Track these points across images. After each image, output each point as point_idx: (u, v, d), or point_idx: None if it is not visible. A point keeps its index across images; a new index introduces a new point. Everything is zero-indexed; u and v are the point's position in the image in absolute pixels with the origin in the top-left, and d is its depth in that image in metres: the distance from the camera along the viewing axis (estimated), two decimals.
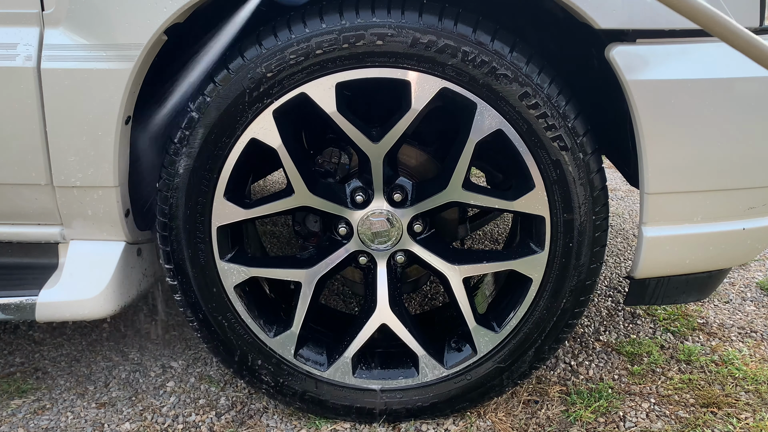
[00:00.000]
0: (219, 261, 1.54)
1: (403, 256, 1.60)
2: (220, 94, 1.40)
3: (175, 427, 1.68)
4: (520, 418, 1.70)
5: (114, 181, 1.45)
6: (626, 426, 1.66)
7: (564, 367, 1.93)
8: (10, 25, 1.38)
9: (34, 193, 1.48)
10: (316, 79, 1.40)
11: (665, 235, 1.47)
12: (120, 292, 1.54)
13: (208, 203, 1.48)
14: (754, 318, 2.25)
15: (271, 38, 1.38)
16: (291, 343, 1.60)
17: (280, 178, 3.61)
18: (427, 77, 1.39)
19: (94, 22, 1.35)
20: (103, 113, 1.39)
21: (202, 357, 1.99)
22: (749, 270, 2.65)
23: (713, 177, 1.43)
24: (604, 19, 1.32)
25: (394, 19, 1.35)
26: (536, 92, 1.39)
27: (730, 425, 1.66)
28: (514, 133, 1.43)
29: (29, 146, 1.43)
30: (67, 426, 1.68)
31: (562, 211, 1.47)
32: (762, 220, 1.51)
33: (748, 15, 1.34)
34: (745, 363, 1.94)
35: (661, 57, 1.35)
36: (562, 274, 1.52)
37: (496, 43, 1.37)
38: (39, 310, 1.51)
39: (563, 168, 1.44)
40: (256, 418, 1.71)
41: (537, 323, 1.57)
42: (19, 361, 1.98)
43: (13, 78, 1.38)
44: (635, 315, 2.25)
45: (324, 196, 1.53)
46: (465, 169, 1.48)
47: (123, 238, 1.53)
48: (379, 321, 1.60)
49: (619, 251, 2.85)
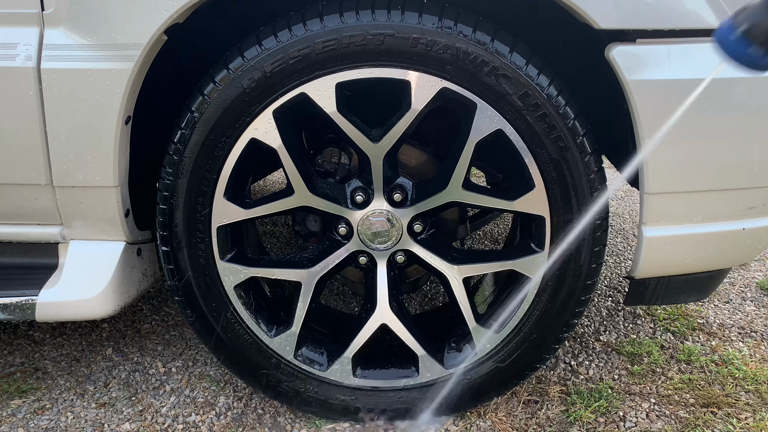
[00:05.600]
0: (219, 261, 1.54)
1: (403, 256, 1.60)
2: (219, 94, 1.40)
3: (175, 427, 1.68)
4: (520, 418, 1.69)
5: (114, 181, 1.45)
6: (626, 426, 1.66)
7: (564, 367, 1.93)
8: (10, 25, 1.38)
9: (34, 193, 1.48)
10: (316, 79, 1.40)
11: (665, 235, 1.47)
12: (120, 292, 1.54)
13: (208, 203, 1.48)
14: (754, 318, 2.24)
15: (271, 38, 1.38)
16: (291, 343, 1.60)
17: (280, 178, 3.61)
18: (427, 77, 1.39)
19: (94, 22, 1.35)
20: (103, 113, 1.39)
21: (202, 357, 1.99)
22: (749, 270, 2.65)
23: (713, 177, 1.43)
24: (604, 19, 1.31)
25: (394, 20, 1.35)
26: (536, 92, 1.39)
27: (730, 425, 1.66)
28: (514, 133, 1.43)
29: (29, 146, 1.43)
30: (67, 426, 1.68)
31: (562, 211, 1.47)
32: (762, 220, 1.51)
33: None
34: (745, 363, 1.94)
35: (661, 57, 1.35)
36: (562, 274, 1.53)
37: (496, 43, 1.37)
38: (39, 310, 1.51)
39: (563, 168, 1.44)
40: (256, 418, 1.71)
41: (537, 323, 1.57)
42: (19, 361, 1.98)
43: (13, 78, 1.38)
44: (635, 315, 2.25)
45: (324, 196, 1.53)
46: (465, 169, 1.48)
47: (123, 238, 1.53)
48: (379, 321, 1.60)
49: (619, 251, 2.85)
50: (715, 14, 1.32)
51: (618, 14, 1.31)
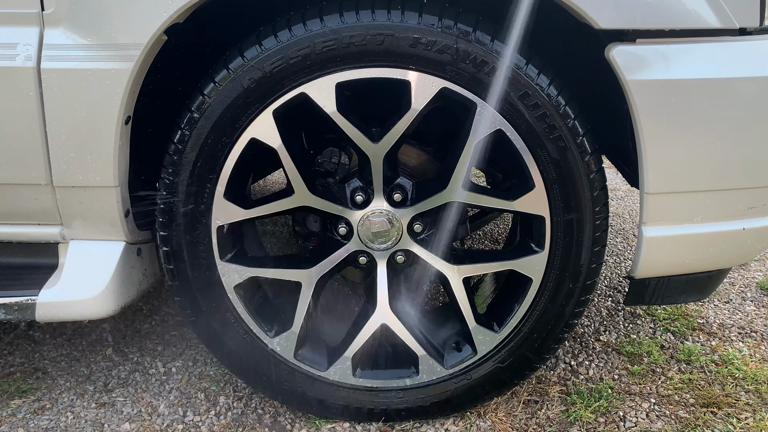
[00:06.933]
0: (219, 261, 1.54)
1: (403, 256, 1.60)
2: (219, 94, 1.40)
3: (175, 427, 1.68)
4: (520, 418, 1.69)
5: (114, 181, 1.45)
6: (626, 426, 1.66)
7: (564, 367, 1.93)
8: (10, 25, 1.38)
9: (34, 193, 1.48)
10: (316, 79, 1.40)
11: (665, 235, 1.47)
12: (120, 292, 1.54)
13: (208, 203, 1.48)
14: (754, 318, 2.24)
15: (271, 38, 1.38)
16: (291, 343, 1.60)
17: (280, 178, 3.61)
18: (427, 77, 1.39)
19: (94, 22, 1.35)
20: (103, 113, 1.39)
21: (202, 357, 1.99)
22: (749, 270, 2.65)
23: (713, 177, 1.43)
24: (604, 19, 1.31)
25: (393, 20, 1.35)
26: (536, 92, 1.39)
27: (730, 425, 1.66)
28: (514, 133, 1.43)
29: (29, 146, 1.43)
30: (67, 426, 1.68)
31: (562, 211, 1.47)
32: (762, 220, 1.51)
33: (748, 15, 1.34)
34: (745, 363, 1.94)
35: (661, 57, 1.35)
36: (562, 274, 1.53)
37: (497, 43, 1.37)
38: (39, 310, 1.51)
39: (563, 168, 1.44)
40: (256, 418, 1.71)
41: (537, 323, 1.57)
42: (19, 361, 1.98)
43: (13, 78, 1.38)
44: (635, 315, 2.25)
45: (324, 196, 1.53)
46: (465, 169, 1.48)
47: (123, 238, 1.53)
48: (379, 321, 1.60)
49: (619, 251, 2.85)
50: (715, 14, 1.32)
51: (618, 14, 1.31)
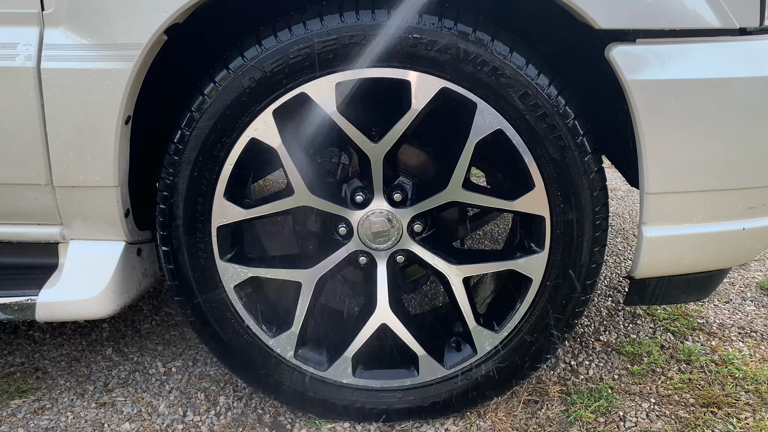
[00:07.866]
0: (219, 261, 1.54)
1: (403, 256, 1.60)
2: (219, 93, 1.40)
3: (175, 427, 1.68)
4: (520, 418, 1.69)
5: (114, 181, 1.45)
6: (626, 426, 1.66)
7: (564, 367, 1.93)
8: (10, 25, 1.38)
9: (34, 193, 1.48)
10: (316, 79, 1.40)
11: (665, 235, 1.47)
12: (120, 292, 1.54)
13: (208, 203, 1.48)
14: (754, 318, 2.24)
15: (272, 38, 1.38)
16: (291, 342, 1.60)
17: (280, 178, 3.61)
18: (427, 77, 1.39)
19: (94, 22, 1.35)
20: (103, 113, 1.39)
21: (202, 357, 1.99)
22: (749, 270, 2.65)
23: (713, 177, 1.43)
24: (604, 19, 1.31)
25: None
26: (536, 92, 1.39)
27: (730, 425, 1.66)
28: (514, 133, 1.43)
29: (29, 146, 1.43)
30: (67, 426, 1.68)
31: (562, 211, 1.47)
32: (762, 220, 1.51)
33: (748, 15, 1.34)
34: (745, 363, 1.94)
35: (661, 57, 1.35)
36: (562, 275, 1.52)
37: (497, 43, 1.37)
38: (39, 310, 1.51)
39: (563, 168, 1.44)
40: (256, 418, 1.71)
41: (537, 323, 1.57)
42: (19, 361, 1.98)
43: (13, 78, 1.38)
44: (635, 315, 2.25)
45: (324, 196, 1.53)
46: (465, 169, 1.48)
47: (123, 238, 1.53)
48: (379, 321, 1.60)
49: (619, 251, 2.85)
50: (715, 14, 1.32)
51: (618, 14, 1.31)
